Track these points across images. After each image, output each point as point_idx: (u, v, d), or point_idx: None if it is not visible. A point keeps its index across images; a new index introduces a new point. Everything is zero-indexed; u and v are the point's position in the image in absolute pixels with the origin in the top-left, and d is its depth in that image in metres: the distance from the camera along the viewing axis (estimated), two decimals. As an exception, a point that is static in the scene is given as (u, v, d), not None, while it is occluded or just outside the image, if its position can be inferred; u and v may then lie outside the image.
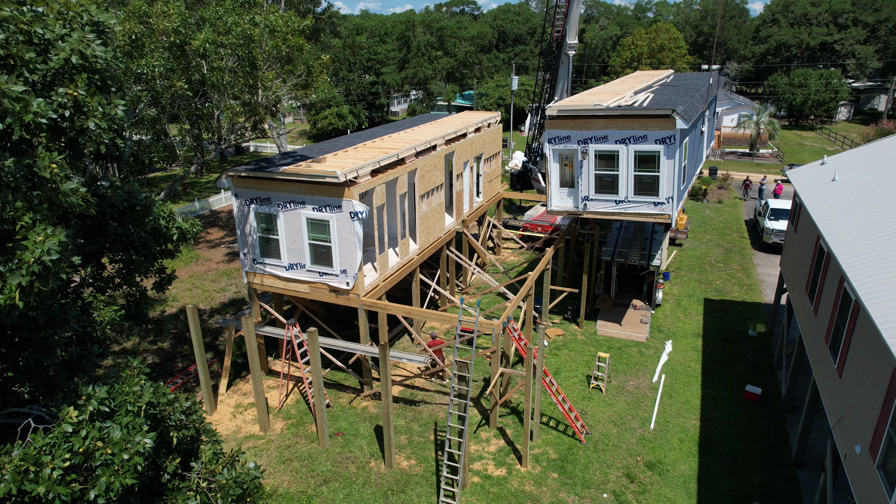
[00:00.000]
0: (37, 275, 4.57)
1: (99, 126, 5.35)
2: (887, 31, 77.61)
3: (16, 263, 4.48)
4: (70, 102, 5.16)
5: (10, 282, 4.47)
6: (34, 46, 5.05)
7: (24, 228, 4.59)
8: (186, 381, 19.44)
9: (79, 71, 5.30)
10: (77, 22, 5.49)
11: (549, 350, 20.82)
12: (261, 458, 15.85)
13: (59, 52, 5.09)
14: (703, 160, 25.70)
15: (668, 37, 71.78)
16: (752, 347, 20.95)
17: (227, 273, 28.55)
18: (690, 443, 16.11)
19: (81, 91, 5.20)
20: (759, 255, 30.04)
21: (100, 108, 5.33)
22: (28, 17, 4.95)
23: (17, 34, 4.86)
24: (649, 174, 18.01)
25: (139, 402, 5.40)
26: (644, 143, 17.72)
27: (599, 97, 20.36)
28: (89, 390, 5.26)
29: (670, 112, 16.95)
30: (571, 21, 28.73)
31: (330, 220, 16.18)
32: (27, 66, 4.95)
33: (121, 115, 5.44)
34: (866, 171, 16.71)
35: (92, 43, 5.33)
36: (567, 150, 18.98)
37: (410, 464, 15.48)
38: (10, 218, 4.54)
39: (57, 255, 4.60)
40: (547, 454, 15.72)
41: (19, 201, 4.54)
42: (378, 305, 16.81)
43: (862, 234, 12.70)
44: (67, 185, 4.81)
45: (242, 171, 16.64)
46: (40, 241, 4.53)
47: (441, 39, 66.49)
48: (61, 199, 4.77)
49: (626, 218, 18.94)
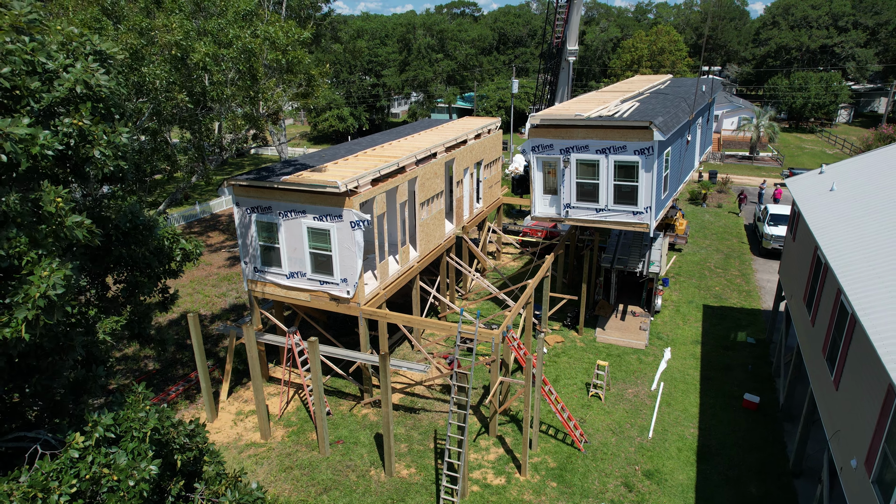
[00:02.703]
0: (42, 309, 4.67)
1: (104, 154, 5.44)
2: (887, 33, 77.68)
3: (22, 298, 4.57)
4: (75, 132, 5.26)
5: (17, 315, 4.57)
6: (38, 76, 5.14)
7: (30, 263, 4.69)
8: (187, 387, 19.54)
9: (83, 100, 5.40)
10: (80, 52, 5.58)
11: (549, 357, 20.92)
12: (262, 466, 15.95)
13: (63, 83, 5.18)
14: (693, 167, 25.81)
15: (669, 39, 71.84)
16: (751, 355, 21.04)
17: (227, 278, 28.64)
18: (688, 451, 16.20)
19: (86, 121, 5.30)
20: (758, 261, 30.13)
21: (104, 137, 5.42)
22: (30, 47, 5.04)
23: (21, 65, 4.95)
24: (628, 184, 18.29)
25: (144, 428, 5.49)
26: (623, 153, 17.98)
27: (584, 105, 20.55)
28: (95, 417, 5.36)
29: (648, 124, 17.17)
30: (572, 27, 28.82)
31: (330, 229, 16.27)
32: (33, 97, 5.04)
33: (125, 143, 5.53)
34: (864, 180, 16.80)
35: (96, 72, 5.43)
36: (550, 159, 19.29)
37: (410, 472, 15.58)
38: (17, 253, 4.64)
39: (62, 289, 4.70)
40: (546, 463, 15.82)
41: (24, 236, 4.64)
42: (378, 314, 16.90)
43: (859, 247, 12.78)
44: (72, 219, 4.90)
45: (244, 181, 16.74)
46: (46, 276, 4.62)
47: (441, 42, 66.55)
48: (66, 234, 4.87)
49: (607, 226, 19.23)
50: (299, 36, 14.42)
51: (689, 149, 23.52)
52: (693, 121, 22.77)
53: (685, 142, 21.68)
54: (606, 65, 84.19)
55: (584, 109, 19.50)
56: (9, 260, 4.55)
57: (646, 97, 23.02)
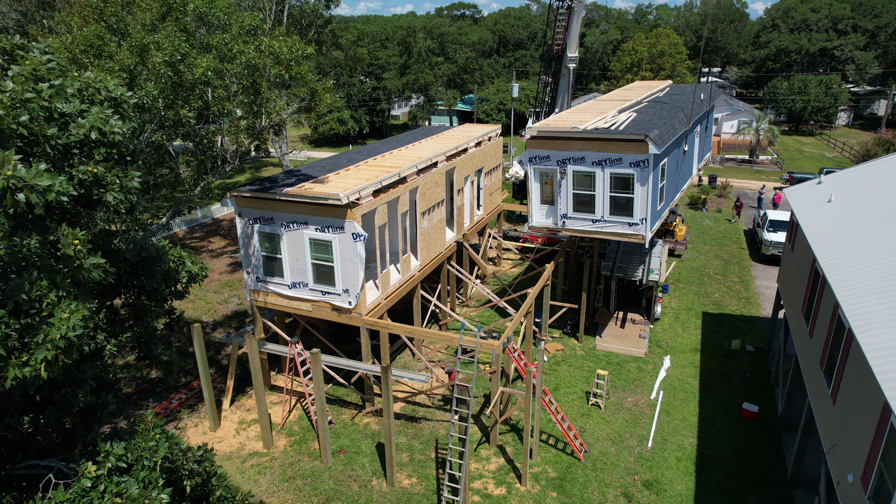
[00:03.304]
0: (62, 349, 4.81)
1: (116, 198, 5.59)
2: (887, 36, 77.79)
3: (42, 338, 4.71)
4: (90, 178, 5.40)
5: (37, 355, 4.71)
6: (55, 122, 5.29)
7: (51, 305, 4.83)
8: (190, 396, 19.67)
9: (97, 145, 5.54)
10: (96, 97, 5.72)
11: (549, 366, 21.05)
12: (264, 475, 16.09)
13: (79, 129, 5.32)
14: (692, 174, 25.94)
15: (668, 42, 71.88)
16: (750, 363, 21.18)
17: (229, 284, 28.77)
18: (687, 461, 16.34)
19: (101, 168, 5.44)
20: (757, 267, 30.26)
21: (117, 181, 5.57)
22: (47, 93, 5.18)
23: (38, 111, 5.09)
24: (624, 195, 18.46)
25: (155, 457, 5.63)
26: (619, 165, 18.15)
27: (581, 116, 20.69)
28: (108, 447, 5.50)
29: (643, 137, 17.31)
30: (572, 35, 28.95)
31: (332, 240, 16.40)
32: (49, 143, 5.18)
33: (137, 186, 5.68)
34: (862, 192, 16.93)
35: (110, 119, 5.57)
36: (547, 169, 19.46)
37: (412, 482, 15.71)
38: (38, 296, 4.78)
39: (81, 329, 4.85)
40: (546, 473, 15.95)
41: (45, 280, 4.79)
42: (380, 324, 17.03)
43: (856, 262, 12.91)
44: (90, 261, 5.05)
45: (246, 192, 16.87)
46: (66, 317, 4.77)
47: (442, 45, 66.70)
48: (84, 276, 5.01)
49: (603, 237, 19.39)
50: (303, 51, 14.55)
51: (687, 157, 23.65)
52: (691, 130, 22.88)
53: (682, 151, 21.82)
54: (606, 67, 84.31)
55: (581, 121, 19.65)
56: (30, 303, 4.69)
57: (643, 107, 23.15)
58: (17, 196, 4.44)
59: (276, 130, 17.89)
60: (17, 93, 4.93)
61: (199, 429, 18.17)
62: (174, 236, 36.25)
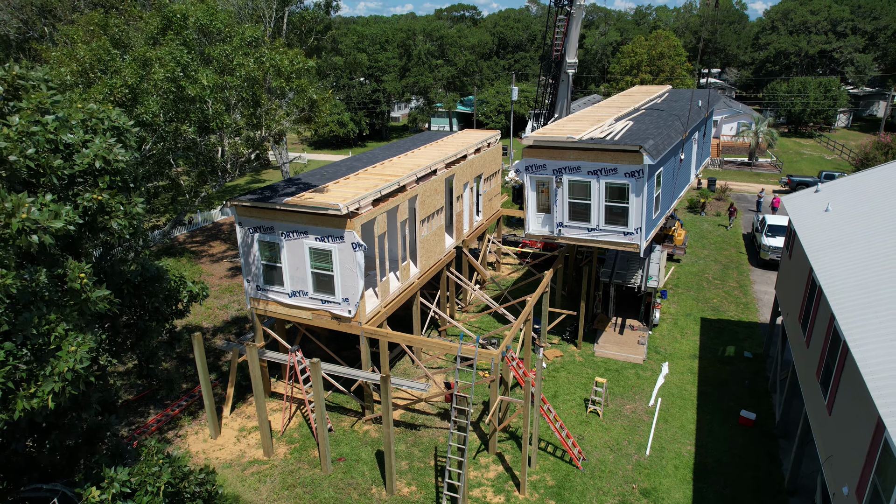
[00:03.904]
0: (69, 381, 4.91)
1: (121, 224, 5.69)
2: (886, 38, 77.90)
3: (50, 371, 4.82)
4: (94, 205, 5.51)
5: (44, 387, 4.82)
6: (60, 153, 5.38)
7: (58, 338, 4.93)
8: (190, 403, 19.77)
9: (101, 174, 5.64)
10: (99, 127, 5.82)
11: (548, 372, 21.14)
12: (265, 483, 16.18)
13: (83, 158, 5.42)
14: (689, 181, 26.05)
15: (668, 44, 72.00)
16: (748, 369, 21.27)
17: (229, 289, 28.86)
18: (685, 469, 16.43)
19: (105, 195, 5.54)
20: (756, 272, 30.36)
21: (121, 208, 5.67)
22: (52, 126, 5.28)
23: (44, 144, 5.19)
24: (619, 205, 18.58)
25: (158, 482, 5.73)
26: (614, 175, 18.27)
27: (578, 125, 20.79)
28: (112, 472, 5.59)
29: (638, 148, 17.42)
30: (571, 41, 29.04)
31: (332, 249, 16.49)
32: (55, 174, 5.28)
33: (140, 212, 5.78)
34: (859, 201, 17.02)
35: (113, 147, 5.67)
36: (543, 178, 19.58)
37: (411, 490, 15.81)
38: (46, 330, 4.88)
39: (88, 361, 4.95)
40: (545, 481, 16.05)
41: (53, 313, 4.89)
42: (379, 333, 17.13)
43: (853, 273, 13.01)
44: (96, 294, 5.15)
45: (246, 202, 16.96)
46: (73, 350, 4.87)
47: (442, 48, 66.81)
48: (90, 308, 5.11)
49: (598, 245, 19.48)
50: (304, 65, 14.64)
51: (685, 164, 23.75)
52: (688, 138, 22.97)
53: (679, 159, 21.91)
54: (606, 69, 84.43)
55: (578, 130, 19.75)
56: (39, 337, 4.79)
57: (641, 114, 23.23)
58: (30, 238, 4.56)
59: (275, 139, 17.96)
60: (23, 126, 5.03)
61: (200, 436, 18.27)
62: (175, 241, 36.35)
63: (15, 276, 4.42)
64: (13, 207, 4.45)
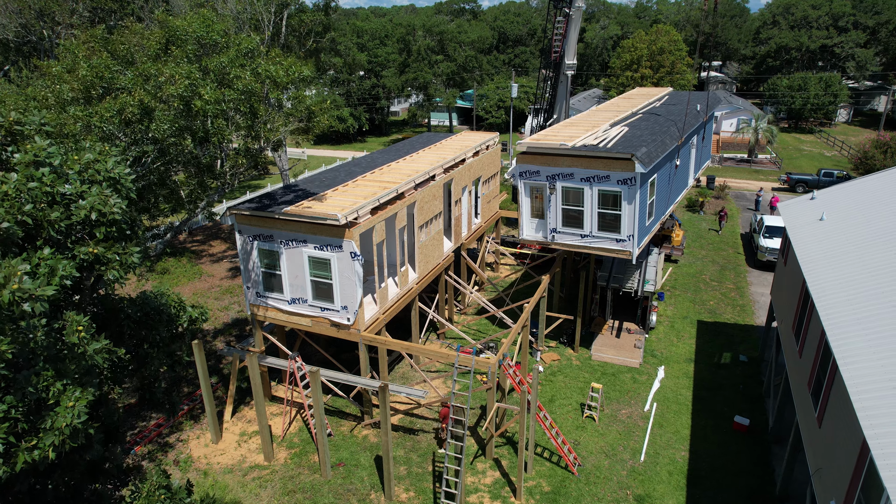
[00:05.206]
0: (68, 435, 5.08)
1: (116, 275, 5.85)
2: (888, 33, 77.60)
3: (49, 425, 4.98)
4: (91, 258, 5.66)
5: (45, 441, 4.99)
6: (57, 205, 5.53)
7: (56, 394, 5.10)
8: (192, 407, 20.01)
9: (97, 225, 5.78)
10: (95, 178, 5.96)
11: (545, 376, 21.37)
12: (265, 489, 16.45)
13: (80, 210, 5.56)
14: (687, 185, 26.12)
15: (668, 39, 71.70)
16: (743, 374, 21.50)
17: (230, 290, 29.04)
18: (679, 475, 16.69)
19: (101, 248, 5.69)
20: (753, 273, 30.52)
21: (117, 258, 5.82)
22: (49, 178, 5.42)
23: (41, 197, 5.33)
24: (612, 212, 18.71)
25: (160, 520, 5.93)
26: (606, 183, 18.39)
27: (573, 131, 20.85)
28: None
29: (630, 156, 17.51)
30: (570, 42, 29.04)
31: (331, 258, 16.66)
32: (52, 227, 5.43)
33: (136, 261, 5.93)
34: (853, 210, 17.15)
35: (109, 198, 5.81)
36: (537, 184, 19.71)
37: (409, 496, 16.07)
38: (44, 386, 5.04)
39: (86, 416, 5.12)
40: (540, 487, 16.31)
41: (50, 370, 5.05)
42: (378, 341, 17.33)
43: (844, 287, 13.17)
44: (93, 347, 5.31)
45: (246, 210, 17.11)
46: (71, 406, 5.04)
47: (441, 44, 66.61)
48: (88, 362, 5.27)
49: (591, 252, 19.61)
50: (299, 74, 14.73)
51: (682, 169, 23.82)
52: (685, 143, 23.02)
53: (675, 165, 21.99)
54: (606, 63, 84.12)
55: (572, 135, 19.82)
56: (38, 394, 4.97)
57: (637, 119, 23.26)
58: (23, 307, 4.70)
59: (274, 147, 18.07)
60: (21, 182, 5.17)
61: (202, 440, 18.52)
62: (175, 240, 36.48)
63: (10, 342, 4.58)
64: (4, 278, 4.58)
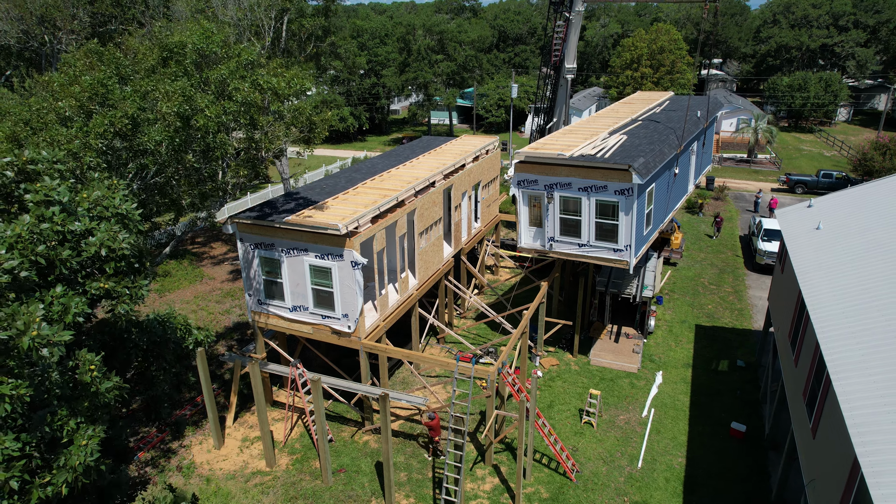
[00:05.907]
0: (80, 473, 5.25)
1: (126, 308, 6.02)
2: (888, 32, 77.53)
3: (63, 462, 5.15)
4: (102, 292, 5.83)
5: (58, 478, 5.15)
6: (68, 244, 5.68)
7: (70, 432, 5.27)
8: (194, 412, 20.20)
9: (107, 260, 5.94)
10: (104, 214, 6.11)
11: (544, 381, 21.55)
12: (267, 495, 16.65)
13: (90, 247, 5.71)
14: (687, 192, 26.22)
15: (668, 38, 71.66)
16: (741, 379, 21.67)
17: (231, 293, 29.21)
18: (676, 482, 16.88)
19: (111, 283, 5.86)
20: (751, 276, 30.68)
21: (126, 292, 5.99)
22: (60, 218, 5.58)
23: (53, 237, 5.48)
24: (609, 222, 18.83)
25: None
26: (604, 193, 18.50)
27: (572, 139, 20.94)
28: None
29: (627, 167, 17.63)
30: (570, 47, 29.11)
31: (332, 267, 16.81)
32: (64, 265, 5.58)
33: (145, 294, 6.08)
34: (850, 220, 17.28)
35: (118, 234, 5.96)
36: (535, 193, 19.82)
37: (410, 502, 16.27)
38: (59, 426, 5.21)
39: (98, 453, 5.29)
40: (539, 493, 16.51)
41: (64, 408, 5.21)
42: (378, 348, 17.50)
43: (839, 299, 13.31)
44: (105, 385, 5.48)
45: (247, 219, 17.26)
46: (84, 444, 5.21)
47: (441, 43, 66.63)
48: (100, 400, 5.44)
49: (589, 261, 19.73)
50: (300, 86, 14.86)
51: (681, 176, 23.93)
52: (684, 150, 23.13)
53: (673, 174, 22.09)
54: (607, 62, 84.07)
55: (570, 144, 19.93)
56: (52, 433, 5.13)
57: (636, 127, 23.35)
58: (41, 352, 4.88)
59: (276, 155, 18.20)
60: (33, 224, 5.33)
61: (204, 446, 18.71)
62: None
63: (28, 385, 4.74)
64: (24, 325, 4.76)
